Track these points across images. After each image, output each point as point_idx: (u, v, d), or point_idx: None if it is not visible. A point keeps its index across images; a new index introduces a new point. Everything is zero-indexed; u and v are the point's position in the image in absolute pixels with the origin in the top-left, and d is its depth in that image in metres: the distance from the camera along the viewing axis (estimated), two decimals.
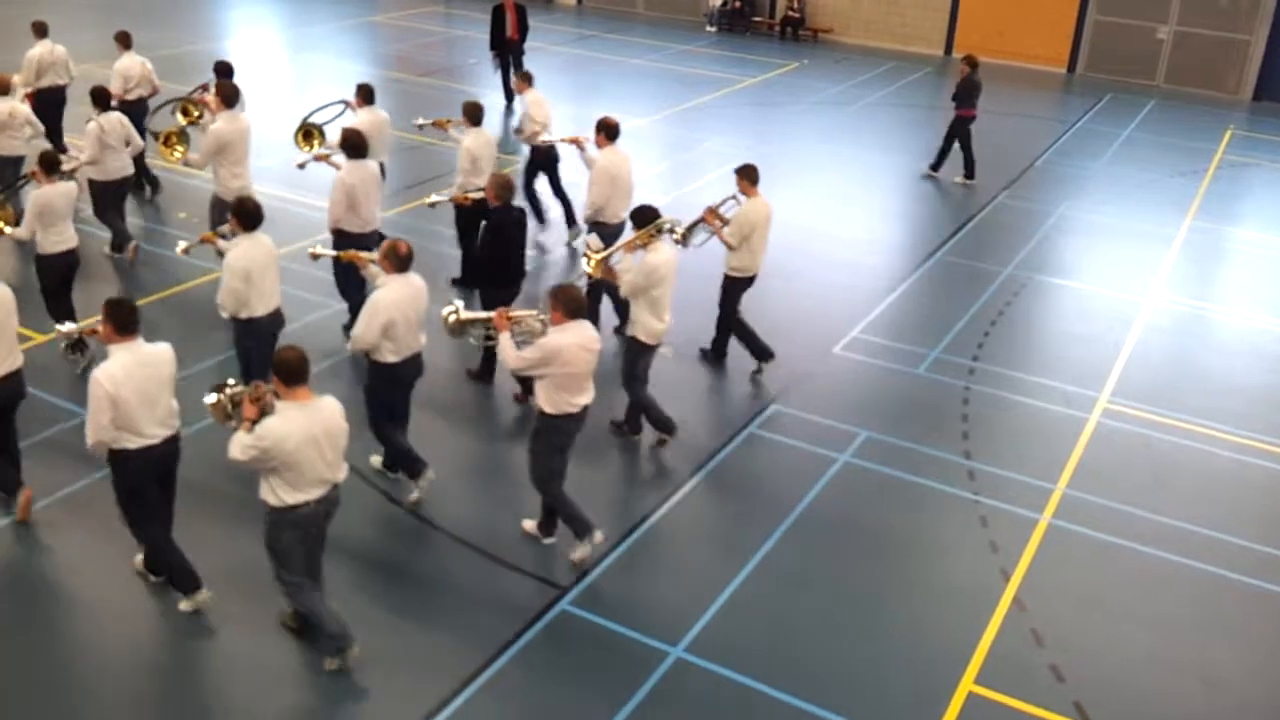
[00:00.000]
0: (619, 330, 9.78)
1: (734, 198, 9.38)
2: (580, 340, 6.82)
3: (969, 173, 15.35)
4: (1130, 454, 8.95)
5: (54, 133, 13.09)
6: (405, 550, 7.40)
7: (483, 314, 7.48)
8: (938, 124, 19.05)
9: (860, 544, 7.66)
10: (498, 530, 7.54)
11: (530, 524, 7.50)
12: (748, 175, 9.28)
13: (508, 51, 17.77)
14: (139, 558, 6.89)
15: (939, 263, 12.74)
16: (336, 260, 9.00)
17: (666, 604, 6.92)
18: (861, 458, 8.66)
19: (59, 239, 9.11)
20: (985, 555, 7.60)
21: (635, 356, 8.38)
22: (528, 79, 12.69)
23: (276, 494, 5.81)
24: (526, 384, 8.76)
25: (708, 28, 25.69)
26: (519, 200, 9.92)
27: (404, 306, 7.35)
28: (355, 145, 9.60)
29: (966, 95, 14.91)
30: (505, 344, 6.96)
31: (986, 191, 15.20)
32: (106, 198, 11.16)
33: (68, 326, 7.30)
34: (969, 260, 12.80)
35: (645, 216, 8.23)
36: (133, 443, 6.19)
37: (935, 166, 15.51)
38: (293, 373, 5.72)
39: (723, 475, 8.38)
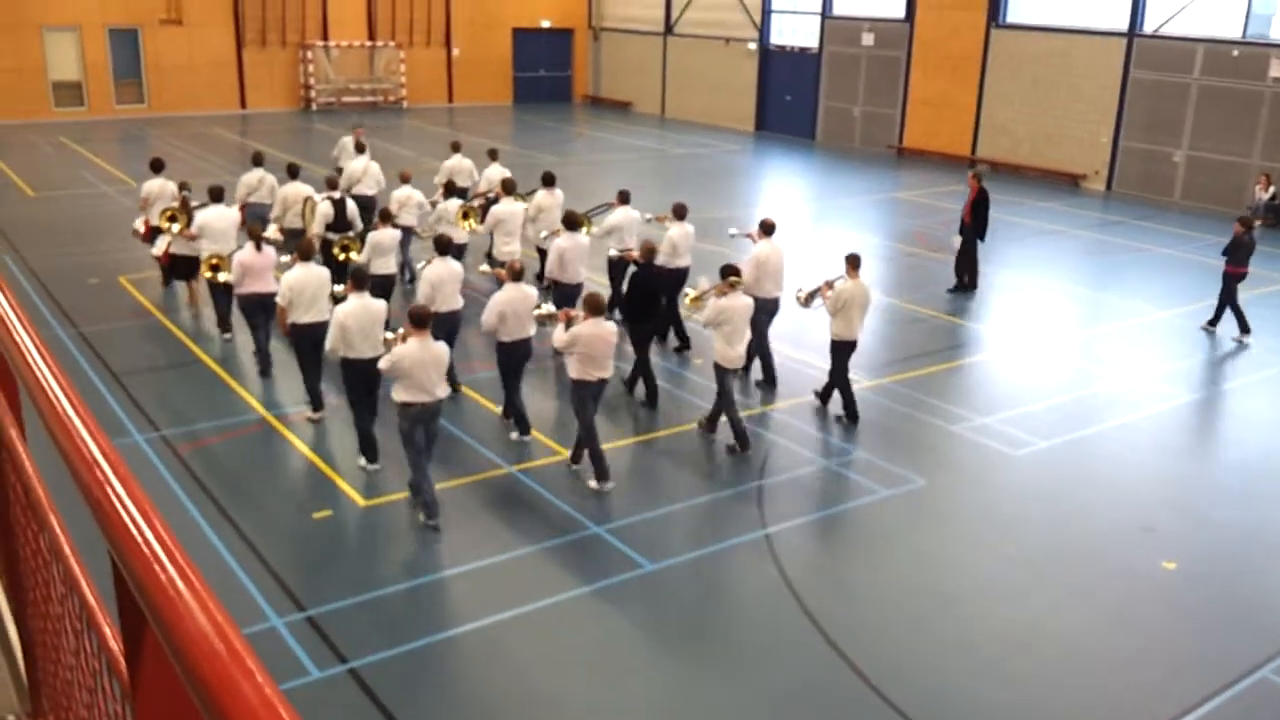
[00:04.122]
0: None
1: (841, 277, 11.77)
2: (597, 331, 9.77)
3: (1242, 328, 15.46)
4: None
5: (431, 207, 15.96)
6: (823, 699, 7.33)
7: (553, 310, 10.71)
8: None
9: None
10: (942, 706, 7.23)
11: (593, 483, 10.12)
12: (851, 262, 11.74)
13: (962, 233, 17.68)
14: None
15: None
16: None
17: None
18: None
19: (383, 265, 13.10)
20: None
21: (721, 376, 10.97)
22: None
23: (397, 394, 9.07)
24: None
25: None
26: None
27: (514, 304, 10.54)
28: (573, 222, 13.09)
29: (1233, 252, 15.35)
30: (558, 330, 10.03)
31: None
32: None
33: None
34: None
35: (726, 272, 10.86)
36: (351, 354, 9.83)
37: (1213, 322, 15.88)
38: (419, 320, 8.97)
39: None
